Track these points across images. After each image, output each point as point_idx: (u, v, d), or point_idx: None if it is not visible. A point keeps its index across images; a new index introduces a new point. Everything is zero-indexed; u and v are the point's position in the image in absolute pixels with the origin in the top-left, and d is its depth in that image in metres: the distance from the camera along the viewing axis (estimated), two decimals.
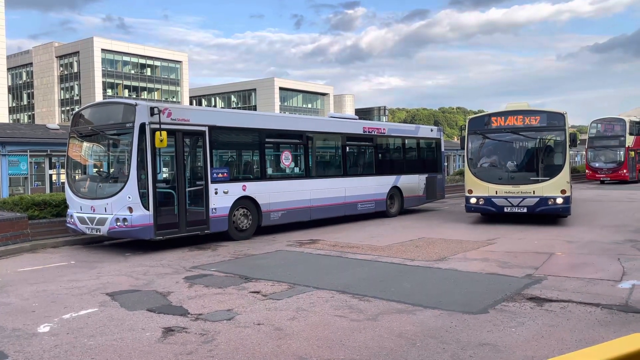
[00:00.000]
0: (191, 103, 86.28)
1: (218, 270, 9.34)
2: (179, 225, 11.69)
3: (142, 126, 11.02)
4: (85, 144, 12.89)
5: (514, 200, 14.27)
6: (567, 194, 13.91)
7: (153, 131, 10.96)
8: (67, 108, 74.30)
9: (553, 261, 9.55)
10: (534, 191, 14.11)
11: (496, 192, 14.53)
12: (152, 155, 11.10)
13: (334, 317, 6.33)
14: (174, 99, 78.73)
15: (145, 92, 77.42)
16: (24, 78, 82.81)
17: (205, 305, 6.97)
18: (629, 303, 6.69)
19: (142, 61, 77.56)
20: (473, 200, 14.90)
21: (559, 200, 13.92)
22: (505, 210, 14.39)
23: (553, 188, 13.98)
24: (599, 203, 21.36)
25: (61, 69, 77.11)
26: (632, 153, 35.94)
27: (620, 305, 6.60)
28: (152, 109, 11.14)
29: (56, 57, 77.02)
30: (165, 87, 79.75)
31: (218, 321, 6.26)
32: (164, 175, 13.40)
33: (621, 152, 35.57)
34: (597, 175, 36.57)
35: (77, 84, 74.94)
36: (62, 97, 77.36)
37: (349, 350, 5.24)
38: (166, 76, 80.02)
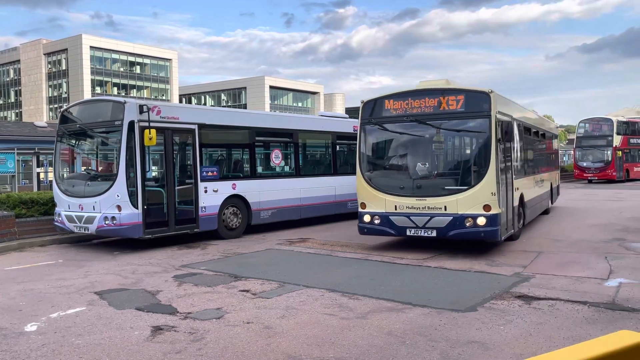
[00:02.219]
0: (181, 101, 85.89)
1: (207, 268, 9.30)
2: (168, 223, 11.63)
3: (131, 124, 10.95)
4: (74, 142, 12.80)
5: (418, 220, 9.89)
6: (494, 210, 9.49)
7: (142, 129, 10.90)
8: (55, 106, 73.70)
9: (541, 259, 9.62)
10: (445, 206, 9.71)
11: (396, 207, 10.14)
12: (141, 153, 11.03)
13: (323, 316, 6.33)
14: (164, 97, 78.33)
15: (135, 90, 76.98)
16: (12, 75, 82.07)
17: (194, 304, 6.94)
18: (615, 301, 6.75)
19: (131, 59, 77.14)
20: (366, 219, 10.52)
21: (481, 221, 9.45)
22: (408, 233, 10.06)
23: (472, 202, 9.55)
24: (587, 202, 21.54)
25: (49, 66, 76.47)
26: (620, 153, 36.26)
27: (607, 303, 6.66)
28: (141, 106, 11.07)
29: (44, 54, 76.39)
30: (154, 85, 79.36)
31: (207, 320, 6.24)
32: (153, 174, 13.32)
33: (609, 152, 35.87)
34: (584, 175, 36.87)
35: (65, 82, 74.37)
36: (50, 95, 76.74)
37: (338, 348, 5.24)
38: (155, 74, 79.63)
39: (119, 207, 10.93)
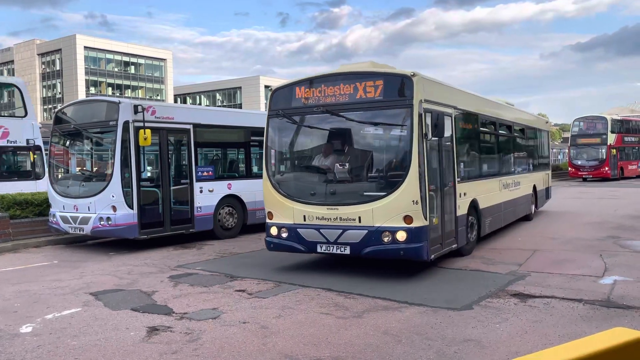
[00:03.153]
0: (176, 101, 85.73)
1: (203, 269, 9.29)
2: (164, 224, 11.61)
3: (126, 124, 10.91)
4: (68, 143, 12.75)
5: (329, 234, 8.16)
6: (417, 222, 7.70)
7: (137, 129, 10.86)
8: (50, 106, 73.41)
9: (536, 258, 9.65)
10: (359, 217, 7.98)
11: (305, 217, 8.41)
12: (136, 153, 11.00)
13: (319, 315, 6.33)
14: (158, 97, 78.15)
15: (129, 90, 76.76)
16: (5, 76, 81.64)
17: (190, 304, 6.93)
18: (610, 298, 6.78)
19: (126, 59, 76.91)
20: (273, 231, 8.76)
21: (400, 236, 7.73)
22: (319, 249, 8.34)
23: (390, 213, 7.79)
24: (582, 200, 21.61)
25: (43, 66, 76.18)
26: (614, 151, 36.41)
27: (602, 300, 6.69)
28: (135, 106, 11.04)
29: (38, 54, 76.06)
30: (149, 85, 79.15)
31: (203, 320, 6.23)
32: (148, 174, 13.30)
33: (603, 150, 36.01)
34: (579, 173, 37.00)
35: (59, 82, 74.09)
36: (44, 95, 76.43)
37: (334, 347, 5.25)
38: (150, 74, 79.40)
39: (114, 208, 10.88)
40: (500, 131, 12.80)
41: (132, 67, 77.93)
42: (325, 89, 8.51)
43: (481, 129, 11.33)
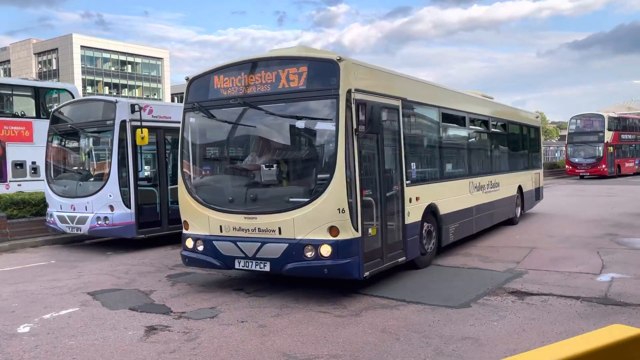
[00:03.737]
0: (173, 100, 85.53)
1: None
2: (162, 223, 11.60)
3: (123, 123, 10.91)
4: (65, 142, 12.73)
5: (247, 247, 7.03)
6: (345, 234, 6.58)
7: (134, 128, 10.85)
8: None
9: (534, 255, 9.66)
10: (279, 228, 6.86)
11: (221, 228, 7.27)
12: (133, 152, 11.00)
13: (317, 314, 6.33)
14: (155, 96, 78.01)
15: (126, 89, 76.60)
16: (2, 75, 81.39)
17: (188, 304, 6.92)
18: (608, 295, 6.79)
19: (123, 58, 76.71)
20: (189, 244, 7.62)
21: (325, 251, 6.62)
22: (237, 265, 7.17)
23: (313, 223, 6.68)
24: (579, 198, 21.65)
25: (40, 66, 75.95)
26: (611, 148, 36.48)
27: (600, 297, 6.70)
28: (132, 106, 11.03)
29: (34, 54, 75.85)
30: (146, 84, 78.99)
31: (201, 319, 6.22)
32: (146, 173, 13.28)
33: (600, 148, 36.08)
34: (576, 171, 37.07)
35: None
36: None
37: (333, 345, 5.25)
38: (147, 73, 79.24)
39: (111, 207, 10.88)
40: (471, 127, 11.57)
41: (129, 66, 77.75)
42: (246, 78, 7.31)
43: (444, 124, 10.07)
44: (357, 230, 6.66)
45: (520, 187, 14.28)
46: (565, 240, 11.28)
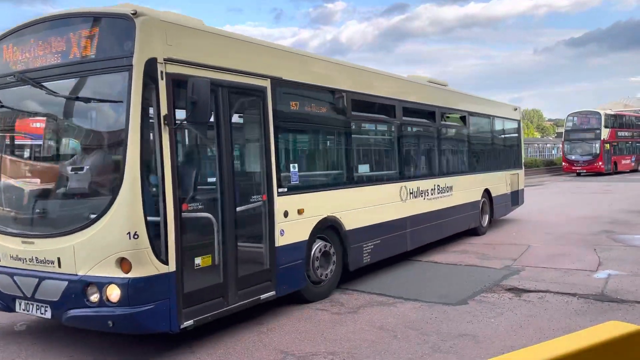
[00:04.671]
0: None
1: None
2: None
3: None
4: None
5: (25, 283, 5.06)
6: (140, 270, 4.58)
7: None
8: None
9: (531, 252, 9.68)
10: (59, 259, 4.87)
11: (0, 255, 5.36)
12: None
13: (315, 311, 6.33)
14: None
15: None
16: None
17: None
18: (604, 292, 6.81)
19: None
20: None
21: (112, 294, 4.60)
22: (19, 308, 5.19)
23: (97, 252, 4.69)
24: (576, 195, 21.70)
25: None
26: (608, 145, 36.58)
27: (596, 294, 6.72)
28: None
29: None
30: None
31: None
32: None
33: (597, 145, 36.18)
34: (573, 168, 37.17)
35: None
36: None
37: (330, 343, 5.25)
38: None
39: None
40: (406, 119, 9.11)
41: None
42: (35, 47, 5.29)
43: (356, 114, 7.80)
44: (165, 262, 4.68)
45: (487, 191, 12.11)
46: (562, 237, 11.30)
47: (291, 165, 6.66)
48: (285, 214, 6.15)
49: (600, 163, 35.91)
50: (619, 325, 2.10)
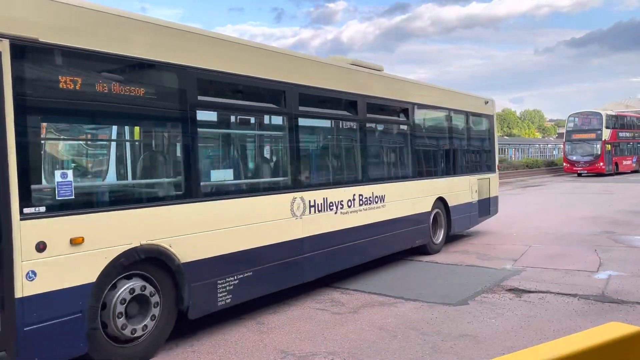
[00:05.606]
0: None
1: None
2: None
3: None
4: None
5: None
6: None
7: None
8: None
9: (531, 253, 9.67)
10: None
11: None
12: None
13: (315, 311, 6.33)
14: None
15: None
16: None
17: None
18: (605, 293, 6.81)
19: None
20: None
21: None
22: None
23: None
24: (576, 195, 21.69)
25: None
26: (609, 146, 36.58)
27: (597, 295, 6.72)
28: None
29: None
30: None
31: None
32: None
33: (598, 145, 36.18)
34: (574, 168, 37.18)
35: None
36: None
37: (330, 343, 5.25)
38: None
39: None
40: (304, 108, 6.95)
41: None
42: None
43: (203, 99, 5.62)
44: None
45: (442, 200, 10.02)
46: (563, 237, 11.29)
47: (58, 170, 4.65)
48: (41, 248, 4.13)
49: (601, 164, 35.92)
50: (620, 327, 2.09)
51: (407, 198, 8.94)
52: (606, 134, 36.36)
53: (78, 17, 4.57)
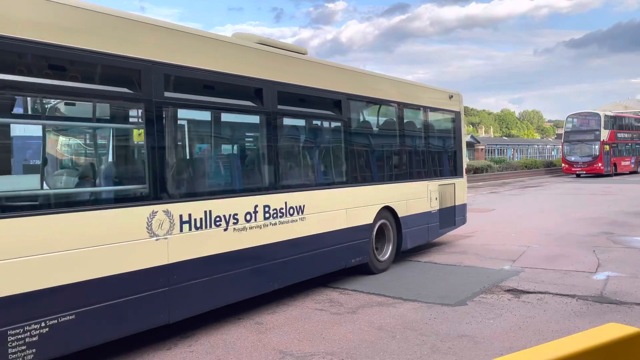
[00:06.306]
0: None
1: None
2: None
3: None
4: None
5: None
6: None
7: None
8: None
9: (530, 254, 9.68)
10: None
11: None
12: None
13: (314, 311, 6.33)
14: None
15: None
16: None
17: None
18: (603, 294, 6.82)
19: None
20: None
21: None
22: None
23: None
24: (575, 196, 21.70)
25: None
26: (607, 147, 36.63)
27: (595, 296, 6.73)
28: None
29: None
30: None
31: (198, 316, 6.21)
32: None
33: (596, 146, 36.23)
34: (573, 169, 37.22)
35: None
36: None
37: (329, 343, 5.25)
38: None
39: None
40: (174, 94, 5.38)
41: None
42: None
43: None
44: None
45: (390, 210, 8.60)
46: (561, 238, 11.30)
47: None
48: None
49: (599, 164, 35.96)
50: (618, 327, 2.09)
51: (338, 208, 7.43)
52: (605, 134, 36.41)
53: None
